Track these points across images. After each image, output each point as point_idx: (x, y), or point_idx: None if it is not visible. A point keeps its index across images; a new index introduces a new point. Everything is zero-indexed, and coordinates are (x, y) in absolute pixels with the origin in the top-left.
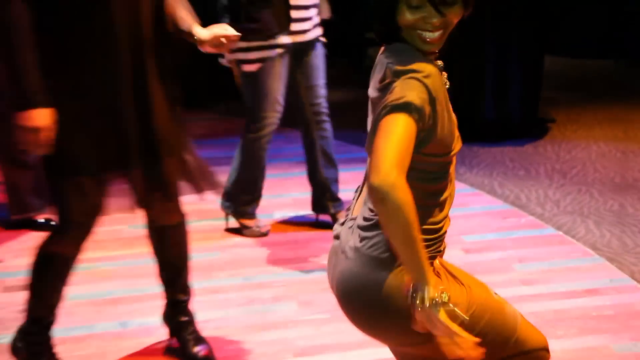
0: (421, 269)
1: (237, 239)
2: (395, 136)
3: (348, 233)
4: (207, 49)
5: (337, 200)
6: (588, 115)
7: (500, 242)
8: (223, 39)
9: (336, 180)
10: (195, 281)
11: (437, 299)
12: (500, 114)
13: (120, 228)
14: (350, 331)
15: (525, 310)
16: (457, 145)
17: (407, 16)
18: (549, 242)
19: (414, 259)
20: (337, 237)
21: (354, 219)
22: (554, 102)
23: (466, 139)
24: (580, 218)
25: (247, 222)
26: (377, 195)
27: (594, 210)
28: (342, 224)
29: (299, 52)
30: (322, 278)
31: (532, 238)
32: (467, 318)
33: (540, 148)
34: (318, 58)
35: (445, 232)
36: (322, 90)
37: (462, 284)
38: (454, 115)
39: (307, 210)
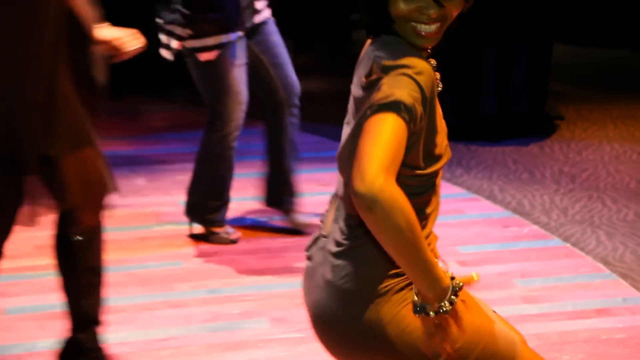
0: (432, 277)
1: (203, 246)
2: (383, 138)
3: (320, 255)
4: (102, 51)
5: (294, 195)
6: (601, 112)
7: (500, 254)
8: (119, 45)
9: (294, 174)
10: (154, 294)
11: (454, 296)
12: (502, 109)
13: None
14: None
15: (527, 331)
16: (446, 156)
17: (401, 6)
18: (555, 255)
19: (421, 266)
20: (309, 257)
21: (326, 236)
22: (563, 97)
23: (464, 136)
24: (590, 228)
25: (215, 229)
26: (363, 204)
27: (606, 219)
28: (315, 240)
29: (254, 33)
30: (297, 292)
31: (535, 250)
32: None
33: (546, 148)
34: (275, 35)
35: (432, 250)
36: (291, 69)
37: (468, 308)
38: (444, 122)
39: (281, 215)
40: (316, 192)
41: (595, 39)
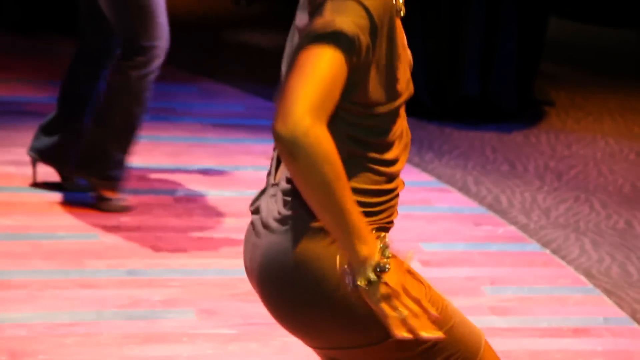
0: (356, 240)
1: (124, 218)
2: (316, 74)
3: (270, 203)
4: None
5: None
6: (598, 101)
7: (469, 255)
8: None
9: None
10: (62, 269)
11: (381, 262)
12: (484, 89)
13: None
14: (262, 353)
15: (493, 347)
16: (407, 92)
17: None
18: (532, 262)
19: (346, 227)
20: (256, 210)
21: (277, 184)
22: (555, 80)
23: (437, 116)
24: (574, 234)
25: (110, 193)
26: (284, 147)
27: (593, 226)
28: (262, 193)
29: None
30: (230, 281)
31: (510, 254)
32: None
33: (532, 138)
34: None
35: (398, 195)
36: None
37: (420, 281)
38: (409, 52)
39: (221, 188)
40: (263, 165)
41: (597, 16)
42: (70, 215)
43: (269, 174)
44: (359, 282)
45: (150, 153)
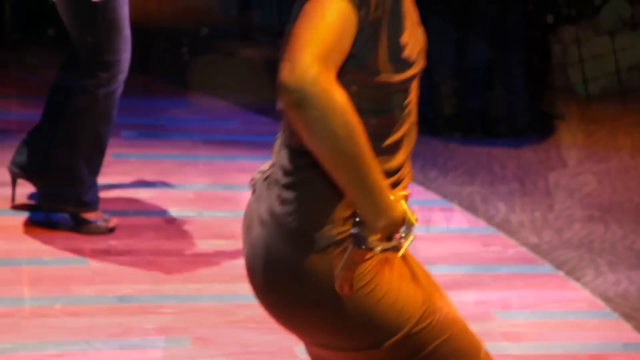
0: (380, 200)
1: (113, 241)
2: (324, 22)
3: (265, 188)
4: None
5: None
6: (612, 115)
7: (478, 278)
8: None
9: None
10: (48, 296)
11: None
12: (489, 102)
13: None
14: None
15: None
16: (419, 63)
17: None
18: (545, 285)
19: (366, 185)
20: (254, 189)
21: (274, 165)
22: (566, 91)
23: (441, 131)
24: (589, 255)
25: (91, 215)
26: (291, 98)
27: (608, 246)
28: (265, 170)
29: None
30: (229, 307)
31: (521, 277)
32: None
33: (541, 153)
34: None
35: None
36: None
37: (422, 287)
38: (419, 31)
39: (214, 209)
40: None
41: None
42: (55, 238)
43: (273, 148)
44: (377, 247)
45: (139, 172)
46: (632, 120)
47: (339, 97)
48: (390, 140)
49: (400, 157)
